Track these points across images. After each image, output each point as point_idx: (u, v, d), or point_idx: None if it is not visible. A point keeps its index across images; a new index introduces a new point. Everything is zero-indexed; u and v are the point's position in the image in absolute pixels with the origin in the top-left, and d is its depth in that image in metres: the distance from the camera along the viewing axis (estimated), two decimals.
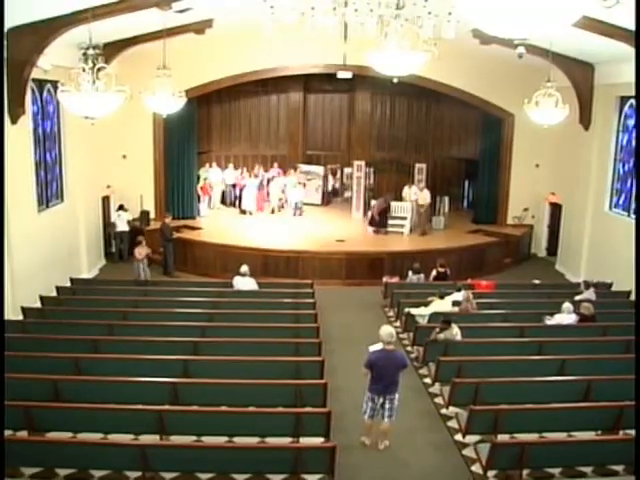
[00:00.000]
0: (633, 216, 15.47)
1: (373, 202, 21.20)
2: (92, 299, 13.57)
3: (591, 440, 8.06)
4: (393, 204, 20.91)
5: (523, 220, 21.26)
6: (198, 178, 22.57)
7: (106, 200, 19.53)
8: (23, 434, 7.90)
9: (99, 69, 8.04)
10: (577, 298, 13.27)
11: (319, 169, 24.71)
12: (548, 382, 9.27)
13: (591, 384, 8.93)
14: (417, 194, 20.89)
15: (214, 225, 20.97)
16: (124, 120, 17.36)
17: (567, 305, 11.87)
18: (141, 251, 15.91)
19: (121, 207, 19.42)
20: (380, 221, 20.43)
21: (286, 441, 8.04)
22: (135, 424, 7.98)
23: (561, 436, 8.40)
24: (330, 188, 25.48)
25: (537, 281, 15.91)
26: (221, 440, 8.08)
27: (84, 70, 7.97)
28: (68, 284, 14.80)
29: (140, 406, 8.25)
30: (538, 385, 9.19)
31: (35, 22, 11.86)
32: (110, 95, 8.39)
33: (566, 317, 11.76)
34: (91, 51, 7.90)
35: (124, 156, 19.83)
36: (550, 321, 11.92)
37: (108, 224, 19.44)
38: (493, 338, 11.27)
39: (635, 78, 12.85)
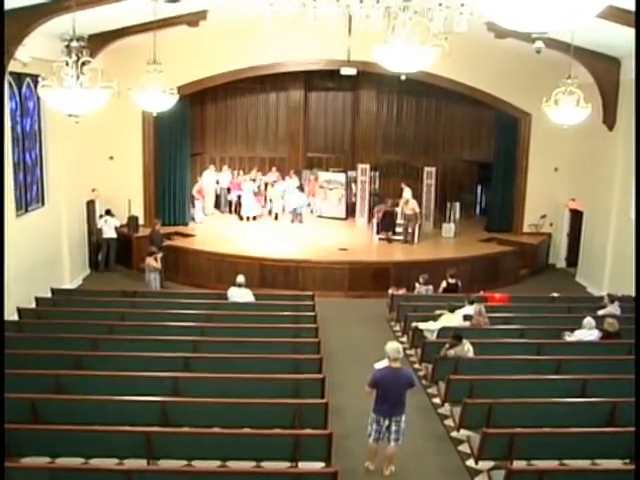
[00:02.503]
0: None
1: (376, 209, 21.22)
2: (75, 311, 13.49)
3: (616, 469, 7.96)
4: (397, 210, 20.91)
5: (540, 228, 21.22)
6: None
7: (91, 204, 19.52)
8: None
9: (83, 63, 8.01)
10: (600, 313, 13.20)
11: (341, 177, 23.80)
12: (568, 404, 9.19)
13: (616, 407, 8.83)
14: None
15: (208, 232, 20.97)
16: (111, 119, 17.45)
17: (589, 320, 11.80)
18: (152, 262, 16.14)
19: (108, 212, 19.41)
20: (384, 224, 20.45)
21: (284, 466, 7.97)
22: (120, 447, 7.92)
23: (583, 464, 8.30)
24: (354, 198, 23.73)
25: (556, 294, 15.84)
26: (214, 464, 8.02)
27: (67, 64, 7.93)
28: (49, 295, 14.74)
29: (126, 427, 8.17)
30: (557, 407, 9.10)
31: (13, 10, 11.74)
32: (96, 91, 8.36)
33: (588, 333, 11.68)
34: (75, 43, 7.86)
35: (111, 157, 19.85)
36: (570, 337, 11.86)
37: (93, 231, 19.41)
38: (508, 355, 11.21)
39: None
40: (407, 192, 21.67)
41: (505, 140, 21.41)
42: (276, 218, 22.91)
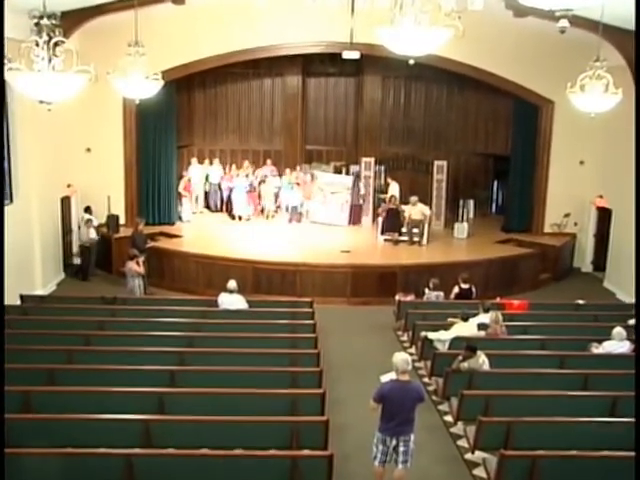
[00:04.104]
0: None
1: (381, 208, 21.20)
2: (47, 320, 13.43)
3: None
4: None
5: (564, 228, 21.20)
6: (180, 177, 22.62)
7: (66, 201, 19.48)
8: None
9: (56, 43, 7.93)
10: (631, 322, 13.12)
11: (347, 180, 23.08)
12: (596, 424, 9.14)
13: None
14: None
15: (196, 232, 21.04)
16: (88, 106, 17.39)
17: (619, 330, 11.76)
18: (134, 267, 16.08)
19: (87, 209, 19.37)
20: (390, 224, 20.42)
21: None
22: (98, 471, 7.82)
23: None
24: (361, 200, 22.88)
25: (581, 301, 15.83)
26: None
27: (37, 44, 7.86)
28: (18, 302, 14.70)
29: (103, 450, 8.12)
30: (584, 427, 9.04)
31: None
32: (70, 76, 8.28)
33: (618, 345, 11.65)
34: (46, 21, 7.79)
35: (88, 149, 19.82)
36: (598, 350, 11.82)
37: (68, 230, 19.35)
38: (528, 369, 11.20)
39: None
40: (394, 187, 21.62)
41: (524, 131, 21.41)
42: (267, 217, 22.88)
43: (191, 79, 22.29)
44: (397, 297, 16.25)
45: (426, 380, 12.35)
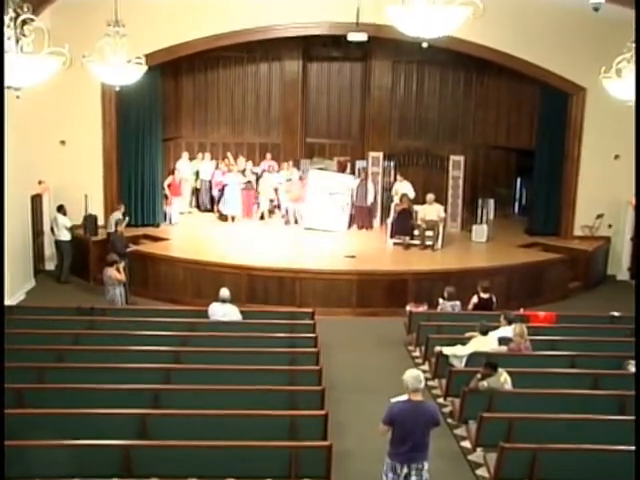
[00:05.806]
0: None
1: (393, 206, 21.20)
2: (15, 334, 13.27)
3: None
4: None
5: (596, 231, 21.19)
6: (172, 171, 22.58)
7: (37, 200, 19.49)
8: None
9: (24, 21, 7.92)
10: None
11: (349, 180, 22.76)
12: (635, 452, 9.05)
13: None
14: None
15: (184, 235, 21.08)
16: (62, 93, 17.43)
17: None
18: (114, 274, 16.07)
19: (60, 209, 19.37)
20: (400, 226, 20.42)
21: None
22: None
23: None
24: (368, 202, 22.43)
25: (616, 313, 15.78)
26: None
27: (3, 22, 7.84)
28: None
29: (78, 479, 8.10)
30: (620, 456, 8.97)
31: None
32: (41, 58, 8.28)
33: None
34: None
35: (62, 142, 19.85)
36: (635, 368, 11.75)
37: (39, 232, 19.33)
38: (555, 389, 11.15)
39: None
40: (401, 186, 21.53)
41: (552, 121, 21.41)
42: (262, 217, 22.92)
43: (178, 64, 22.36)
44: (408, 308, 16.21)
45: (441, 401, 12.31)
